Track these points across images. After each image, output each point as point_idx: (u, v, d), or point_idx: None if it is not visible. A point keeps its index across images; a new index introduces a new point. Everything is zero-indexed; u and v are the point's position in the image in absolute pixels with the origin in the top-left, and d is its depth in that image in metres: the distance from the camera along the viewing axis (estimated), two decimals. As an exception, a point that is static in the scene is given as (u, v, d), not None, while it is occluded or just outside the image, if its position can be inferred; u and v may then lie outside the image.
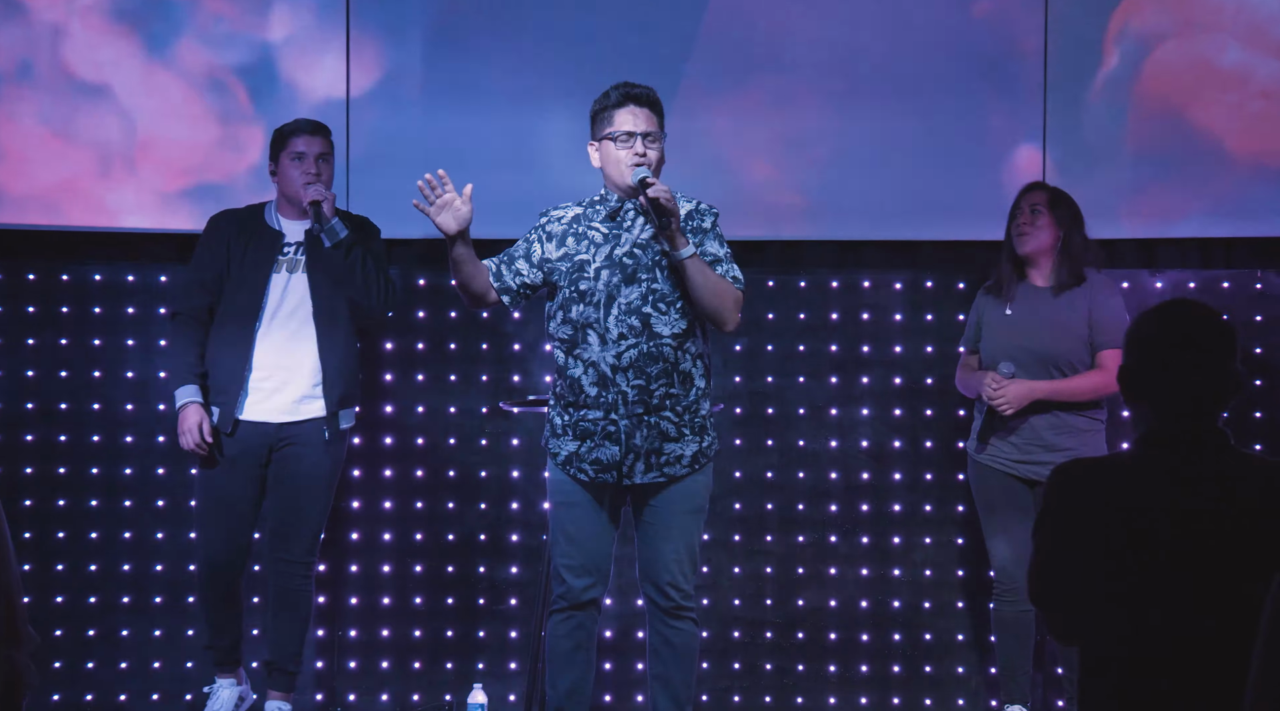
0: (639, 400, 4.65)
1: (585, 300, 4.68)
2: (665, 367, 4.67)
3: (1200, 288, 6.26)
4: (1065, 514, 3.13)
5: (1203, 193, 6.21)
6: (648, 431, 4.67)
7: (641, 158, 4.67)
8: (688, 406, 4.73)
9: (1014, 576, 5.61)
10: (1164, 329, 3.16)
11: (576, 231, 4.76)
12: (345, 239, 5.45)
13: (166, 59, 6.23)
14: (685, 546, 4.77)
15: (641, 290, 4.66)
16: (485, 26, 6.26)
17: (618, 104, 4.73)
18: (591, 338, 4.67)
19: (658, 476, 4.70)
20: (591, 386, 4.67)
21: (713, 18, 6.25)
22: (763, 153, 6.27)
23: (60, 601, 6.26)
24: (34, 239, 6.30)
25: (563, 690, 4.79)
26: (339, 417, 5.56)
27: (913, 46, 6.26)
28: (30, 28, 6.19)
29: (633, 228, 4.73)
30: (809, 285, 6.36)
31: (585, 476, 4.72)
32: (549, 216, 4.84)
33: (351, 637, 6.31)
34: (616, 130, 4.71)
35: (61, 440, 6.30)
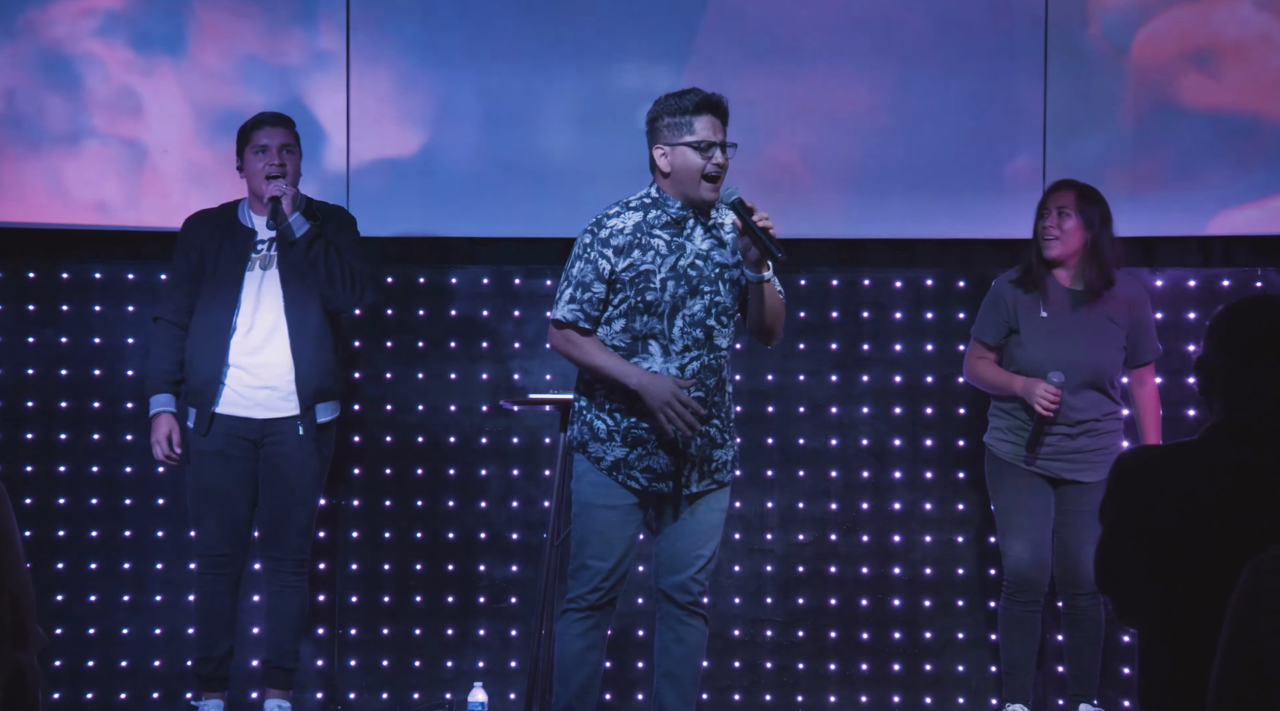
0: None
1: (651, 310, 4.62)
2: (720, 380, 4.69)
3: (1200, 286, 6.26)
4: (1129, 500, 3.15)
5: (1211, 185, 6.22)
6: (701, 440, 4.67)
7: (720, 168, 4.59)
8: (726, 412, 4.77)
9: (1028, 578, 5.59)
10: (1247, 324, 3.18)
11: (641, 242, 4.63)
12: (306, 234, 5.44)
13: (175, 72, 6.24)
14: (714, 546, 4.79)
15: (705, 302, 4.64)
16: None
17: (696, 111, 4.60)
18: (654, 348, 4.63)
19: (709, 484, 4.72)
20: None
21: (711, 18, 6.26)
22: (763, 149, 6.27)
23: (60, 599, 6.26)
24: (34, 238, 6.30)
25: (573, 689, 4.77)
26: (314, 412, 5.55)
27: (912, 44, 6.26)
28: (38, 42, 6.20)
29: (694, 237, 4.67)
30: (809, 283, 6.36)
31: (636, 484, 4.66)
32: (607, 228, 4.64)
33: (352, 636, 6.31)
34: (699, 139, 4.59)
35: (62, 438, 6.29)
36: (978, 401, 6.28)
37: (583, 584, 4.73)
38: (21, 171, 6.25)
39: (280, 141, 5.51)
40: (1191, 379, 6.21)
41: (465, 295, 6.35)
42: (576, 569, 4.75)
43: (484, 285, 6.35)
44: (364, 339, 6.33)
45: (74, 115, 6.24)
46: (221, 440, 5.52)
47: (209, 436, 5.52)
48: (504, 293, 6.35)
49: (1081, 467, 5.57)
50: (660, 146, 4.65)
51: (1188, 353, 6.24)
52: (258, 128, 5.52)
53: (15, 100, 6.24)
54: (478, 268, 6.36)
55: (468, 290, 6.35)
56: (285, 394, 5.54)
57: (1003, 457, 5.65)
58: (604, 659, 4.84)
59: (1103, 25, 6.25)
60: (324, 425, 5.60)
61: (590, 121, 6.25)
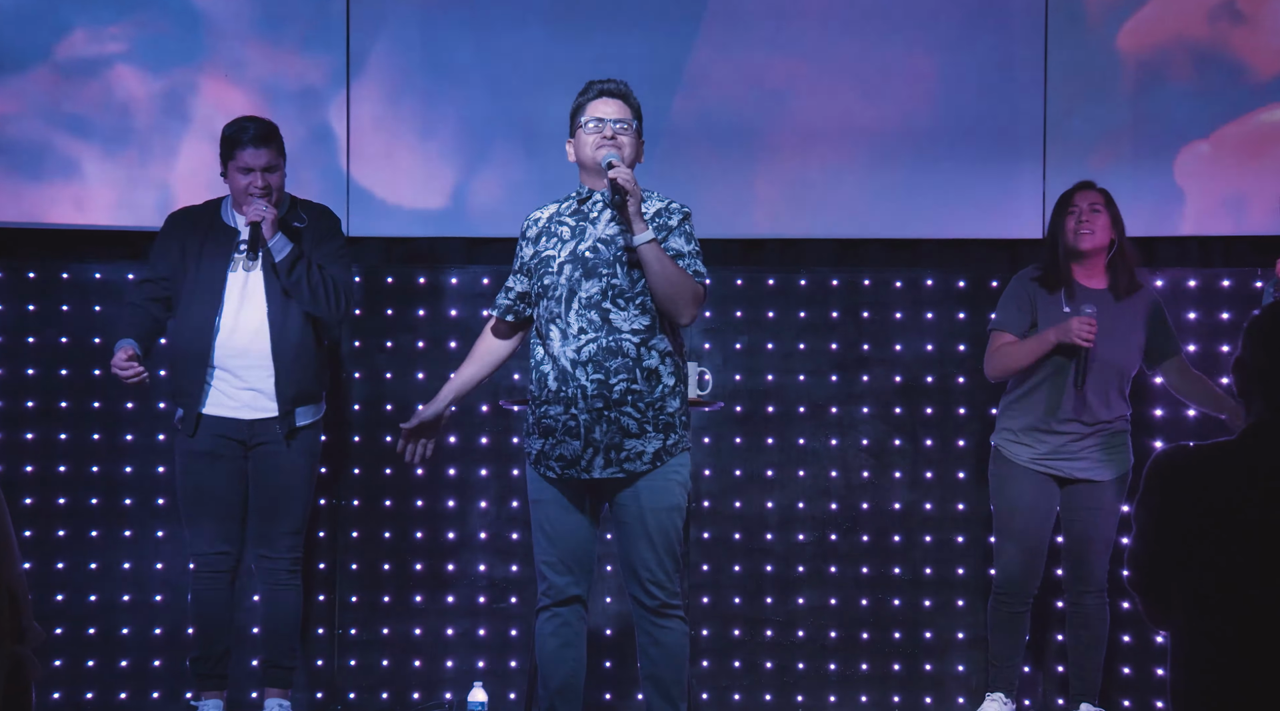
0: (598, 394, 4.62)
1: (549, 295, 4.69)
2: (626, 363, 4.64)
3: (1200, 286, 6.26)
4: (1165, 500, 3.13)
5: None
6: (608, 426, 4.64)
7: (610, 141, 4.68)
8: (651, 403, 4.67)
9: (1016, 581, 5.63)
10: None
11: (549, 230, 4.77)
12: (286, 257, 5.43)
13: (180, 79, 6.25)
14: (663, 544, 4.68)
15: (601, 285, 4.65)
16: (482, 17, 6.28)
17: (592, 97, 4.77)
18: (554, 332, 4.67)
19: (617, 472, 4.65)
20: (554, 381, 4.66)
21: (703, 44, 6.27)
22: (764, 150, 6.28)
23: (60, 599, 6.26)
24: (34, 238, 6.31)
25: (554, 688, 4.78)
26: (293, 416, 5.55)
27: (912, 39, 6.26)
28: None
29: (597, 222, 4.73)
30: (809, 283, 6.36)
31: (553, 473, 4.69)
32: (529, 221, 4.85)
33: (352, 635, 6.31)
34: (588, 117, 4.73)
35: (62, 438, 6.30)
36: (978, 401, 6.29)
37: (541, 580, 4.77)
38: (22, 172, 6.25)
39: (264, 163, 5.46)
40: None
41: (465, 295, 6.35)
42: (536, 568, 4.81)
43: (484, 285, 6.35)
44: (363, 339, 6.33)
45: (74, 113, 6.24)
46: (210, 441, 5.52)
47: (196, 437, 5.52)
48: (504, 292, 6.35)
49: (1091, 467, 5.60)
50: (569, 140, 4.80)
51: (1188, 353, 6.23)
52: (243, 147, 5.45)
53: (17, 101, 6.24)
54: (478, 268, 6.36)
55: (468, 290, 6.35)
56: (269, 395, 5.53)
57: (1012, 459, 5.65)
58: (584, 656, 4.81)
59: (1103, 25, 6.25)
60: (306, 427, 5.59)
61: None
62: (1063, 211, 5.67)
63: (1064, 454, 5.59)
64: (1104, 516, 5.63)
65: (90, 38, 6.25)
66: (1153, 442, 6.23)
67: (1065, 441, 5.58)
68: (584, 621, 4.80)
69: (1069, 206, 5.66)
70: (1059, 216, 5.67)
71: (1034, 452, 5.61)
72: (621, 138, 4.70)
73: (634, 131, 4.75)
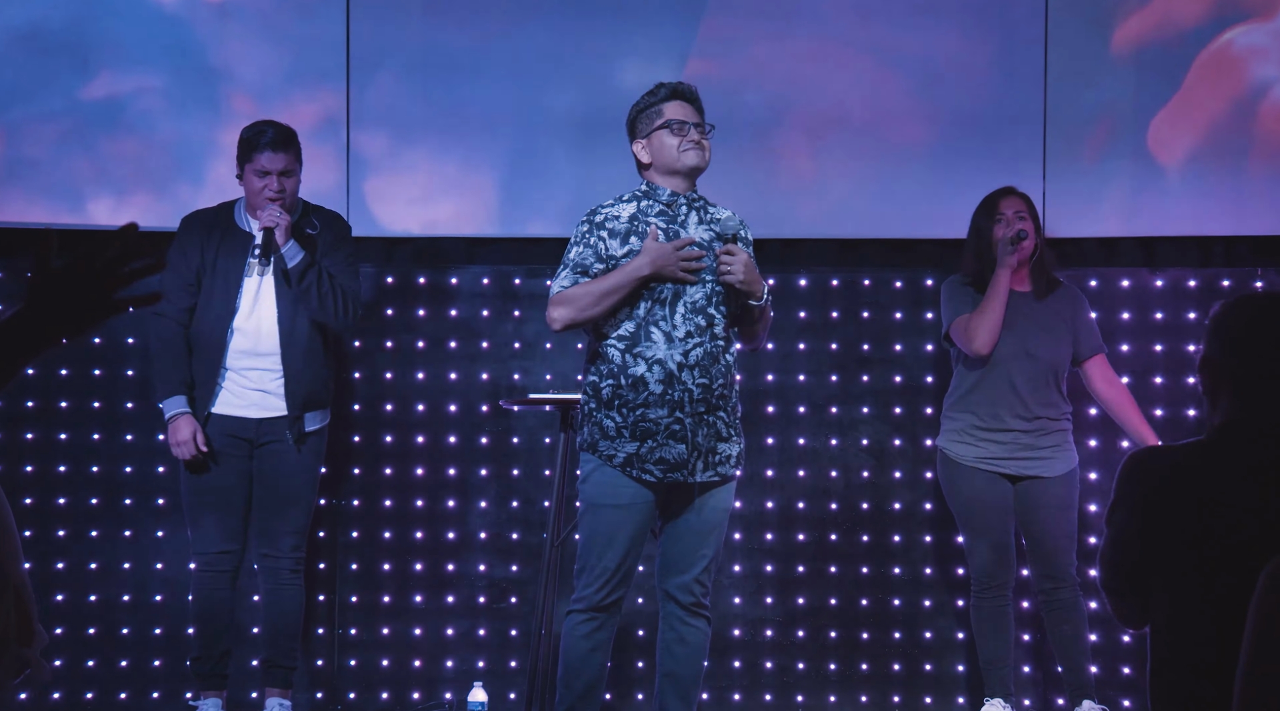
0: (702, 399, 4.65)
1: (652, 297, 4.67)
2: (722, 369, 4.70)
3: (1200, 286, 6.27)
4: (1138, 501, 3.12)
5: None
6: (707, 430, 4.68)
7: (695, 143, 4.71)
8: (733, 408, 4.76)
9: (993, 573, 5.69)
10: (1253, 320, 3.15)
11: (638, 229, 4.73)
12: (298, 265, 5.44)
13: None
14: (715, 547, 4.78)
15: (706, 290, 4.69)
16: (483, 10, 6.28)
17: (666, 98, 4.77)
18: (656, 335, 4.66)
19: (713, 475, 4.70)
20: (657, 384, 4.64)
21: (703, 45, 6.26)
22: (764, 154, 6.28)
23: (60, 599, 6.26)
24: (34, 238, 6.29)
25: (578, 690, 4.77)
26: (303, 420, 5.55)
27: (913, 40, 6.26)
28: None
29: (687, 226, 4.76)
30: (809, 283, 6.36)
31: (652, 477, 4.66)
32: (603, 214, 4.77)
33: (352, 635, 6.31)
34: (669, 119, 4.73)
35: (62, 438, 6.30)
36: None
37: (587, 584, 4.73)
38: (23, 172, 6.24)
39: (281, 167, 5.48)
40: (1193, 379, 6.21)
41: (465, 295, 6.35)
42: (581, 569, 4.75)
43: (484, 285, 6.35)
44: (364, 339, 6.33)
45: (75, 116, 6.25)
46: (217, 440, 5.53)
47: (209, 434, 5.52)
48: (504, 293, 6.35)
49: (1039, 463, 5.67)
50: (639, 141, 4.79)
51: (1188, 353, 6.24)
52: (260, 150, 5.47)
53: (19, 100, 6.24)
54: (478, 268, 6.36)
55: (468, 290, 6.35)
56: (278, 396, 5.54)
57: (957, 460, 5.73)
58: (608, 661, 4.83)
59: (1103, 26, 6.25)
60: (313, 432, 5.60)
61: (591, 121, 6.24)
62: (990, 217, 5.72)
63: (1012, 453, 5.64)
64: (1059, 512, 5.68)
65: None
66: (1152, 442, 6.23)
67: (1010, 439, 5.64)
68: (616, 627, 4.81)
69: (995, 214, 5.70)
70: (986, 222, 5.72)
71: (979, 453, 5.67)
72: (705, 140, 4.76)
73: (708, 132, 4.80)
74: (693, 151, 4.72)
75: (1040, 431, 5.66)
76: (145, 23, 6.24)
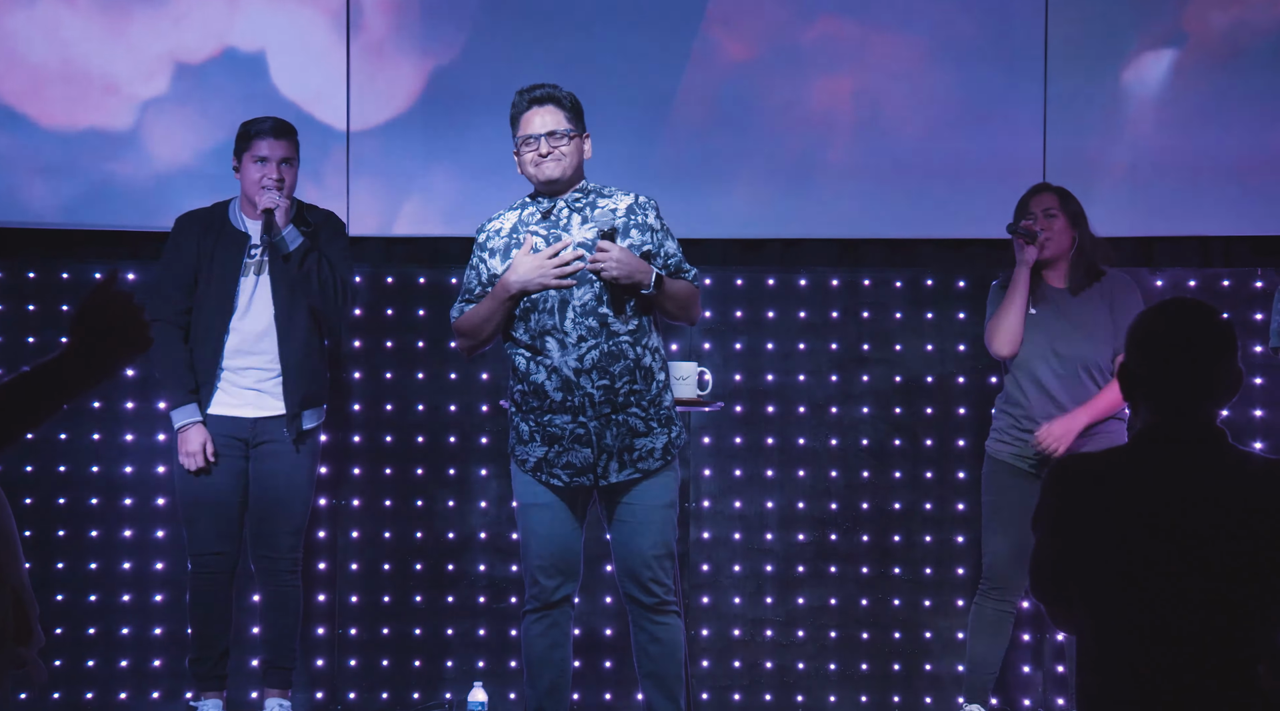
0: (605, 400, 4.64)
1: (539, 308, 4.66)
2: (627, 365, 4.66)
3: (1200, 286, 6.27)
4: (1063, 507, 3.17)
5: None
6: (617, 429, 4.66)
7: (545, 157, 4.67)
8: (652, 400, 4.71)
9: (1003, 576, 5.62)
10: (1162, 327, 3.20)
11: (517, 241, 4.74)
12: (298, 249, 5.44)
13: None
14: (662, 541, 4.73)
15: (594, 291, 4.66)
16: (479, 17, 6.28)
17: (522, 110, 4.76)
18: (551, 344, 4.66)
19: (633, 473, 4.68)
20: (556, 391, 4.65)
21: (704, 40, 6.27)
22: (763, 154, 6.28)
23: (60, 599, 6.26)
24: (34, 238, 6.30)
25: (542, 689, 4.80)
26: (301, 418, 5.55)
27: (913, 40, 6.26)
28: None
29: (570, 228, 4.73)
30: (809, 283, 6.36)
31: (559, 481, 4.69)
32: (485, 232, 4.81)
33: (352, 635, 6.31)
34: (520, 136, 4.73)
35: (61, 438, 6.29)
36: (977, 401, 6.29)
37: (529, 584, 4.79)
38: (23, 172, 6.25)
39: (281, 154, 5.48)
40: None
41: (465, 295, 6.35)
42: (524, 570, 4.82)
43: (484, 285, 6.35)
44: (364, 339, 6.34)
45: (73, 114, 6.25)
46: (213, 440, 5.52)
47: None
48: (504, 292, 6.35)
49: None
50: (515, 153, 4.79)
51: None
52: (259, 136, 5.48)
53: (18, 100, 6.24)
54: (478, 267, 6.36)
55: (468, 290, 6.35)
56: (274, 394, 5.54)
57: (998, 458, 5.65)
58: (571, 657, 4.84)
59: (1104, 24, 6.25)
60: (310, 430, 5.59)
61: (589, 120, 6.23)
62: (1021, 216, 5.65)
63: (1045, 455, 5.58)
64: None
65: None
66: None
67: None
68: (571, 622, 4.83)
69: (1026, 212, 5.65)
70: (1017, 222, 5.66)
71: (1015, 450, 5.61)
72: (559, 149, 4.70)
73: (568, 137, 4.72)
74: (544, 166, 4.69)
75: (1083, 434, 5.50)
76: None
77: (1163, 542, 3.06)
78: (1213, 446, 3.14)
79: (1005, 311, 5.56)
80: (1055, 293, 5.63)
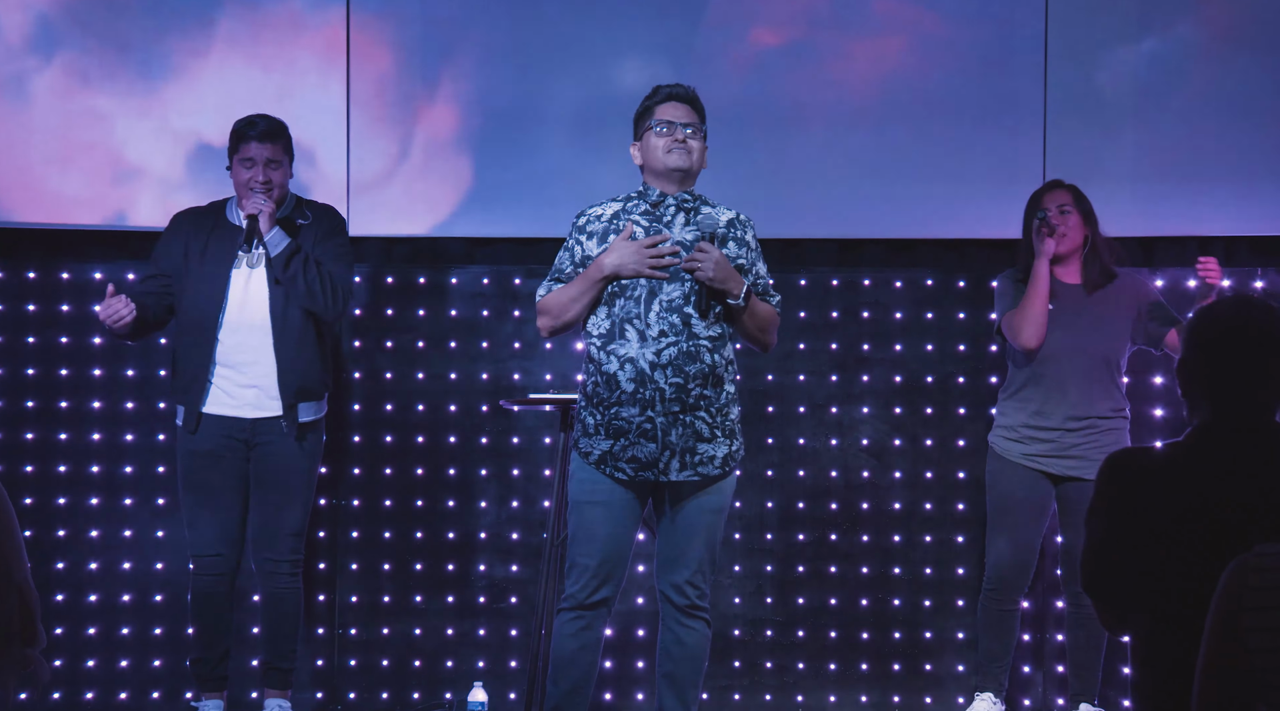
0: (676, 398, 4.65)
1: (626, 295, 4.68)
2: (702, 369, 4.68)
3: (1200, 286, 6.26)
4: (1119, 503, 3.15)
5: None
6: (683, 430, 4.67)
7: (681, 144, 4.72)
8: (720, 409, 4.74)
9: (1006, 578, 5.66)
10: (1224, 322, 3.20)
11: (618, 228, 4.76)
12: (283, 251, 5.44)
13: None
14: (708, 546, 4.77)
15: (684, 289, 4.68)
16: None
17: (660, 101, 4.80)
18: (630, 333, 4.67)
19: (692, 475, 4.69)
20: (629, 382, 4.65)
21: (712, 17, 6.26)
22: (764, 153, 6.28)
23: (60, 599, 6.26)
24: (34, 238, 6.31)
25: (564, 688, 4.79)
26: (297, 410, 5.55)
27: (913, 40, 6.27)
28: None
29: (673, 226, 4.76)
30: (809, 283, 6.37)
31: (624, 474, 4.69)
32: (586, 216, 4.82)
33: (352, 635, 6.31)
34: (657, 120, 4.76)
35: (62, 438, 6.30)
36: (977, 401, 6.29)
37: (573, 582, 4.76)
38: (23, 172, 6.25)
39: (267, 156, 5.48)
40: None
41: (465, 295, 6.36)
42: (569, 567, 4.80)
43: (484, 285, 6.36)
44: (364, 339, 6.34)
45: (75, 114, 6.25)
46: (212, 440, 5.52)
47: (199, 436, 5.51)
48: (504, 293, 6.36)
49: (1083, 465, 5.58)
50: (634, 143, 4.85)
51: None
52: (247, 141, 5.49)
53: (17, 100, 6.25)
54: (478, 268, 6.36)
55: (468, 290, 6.36)
56: (272, 393, 5.53)
57: (1003, 455, 5.67)
58: (599, 661, 4.83)
59: (1104, 24, 6.25)
60: (308, 424, 5.59)
61: (589, 120, 6.25)
62: (1033, 212, 5.68)
63: (1056, 452, 5.59)
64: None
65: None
66: (1152, 442, 6.22)
67: (1058, 438, 5.59)
68: (604, 626, 4.81)
69: (1038, 208, 5.67)
70: (1030, 216, 5.69)
71: (1025, 449, 5.62)
72: (692, 142, 4.75)
73: (702, 136, 4.80)
74: (676, 152, 4.73)
75: (1090, 429, 5.58)
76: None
77: (1222, 536, 3.04)
78: (1272, 440, 3.14)
79: (1030, 303, 5.57)
80: (1068, 289, 5.65)
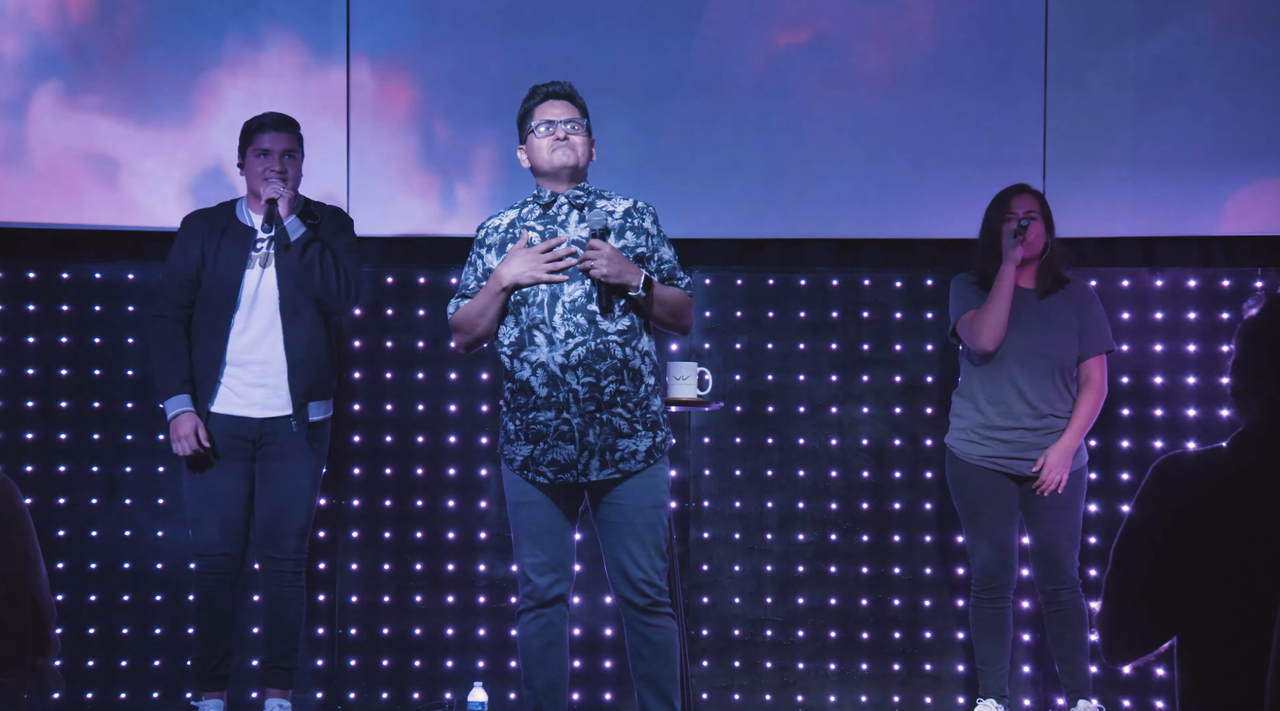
0: (590, 397, 4.64)
1: (530, 301, 4.68)
2: (614, 364, 4.66)
3: (1200, 286, 6.27)
4: (1173, 507, 3.07)
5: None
6: (600, 428, 4.66)
7: (563, 142, 4.72)
8: (639, 403, 4.71)
9: (996, 576, 5.68)
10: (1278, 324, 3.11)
11: (514, 236, 4.77)
12: (301, 238, 5.46)
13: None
14: (652, 543, 4.73)
15: (585, 288, 4.67)
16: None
17: (539, 101, 4.80)
18: (539, 338, 4.67)
19: (613, 473, 4.67)
20: (542, 387, 4.66)
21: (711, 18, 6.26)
22: (760, 150, 6.28)
23: (61, 599, 6.25)
24: (34, 237, 6.30)
25: (540, 688, 4.81)
26: (307, 409, 5.55)
27: (913, 39, 6.26)
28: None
29: (566, 225, 4.75)
30: (809, 283, 6.37)
31: (544, 479, 4.70)
32: (485, 228, 4.84)
33: (352, 635, 6.31)
34: (537, 121, 4.76)
35: (62, 438, 6.30)
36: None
37: (522, 583, 4.80)
38: (23, 172, 6.24)
39: (283, 146, 5.52)
40: (1192, 379, 6.22)
41: (465, 295, 6.35)
42: (519, 572, 4.83)
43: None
44: (364, 339, 6.34)
45: (73, 114, 6.25)
46: (219, 439, 5.52)
47: (211, 433, 5.52)
48: (504, 292, 6.35)
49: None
50: (520, 148, 4.85)
51: (1188, 353, 6.25)
52: (262, 130, 5.53)
53: (16, 98, 6.24)
54: (478, 267, 6.36)
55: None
56: (280, 392, 5.54)
57: (963, 458, 5.71)
58: (567, 655, 4.84)
59: (1104, 24, 6.25)
60: (317, 423, 5.60)
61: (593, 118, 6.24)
62: (1000, 214, 5.69)
63: (1017, 453, 5.62)
64: (1063, 513, 5.65)
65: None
66: (1152, 442, 6.24)
67: (1018, 437, 5.61)
68: (566, 621, 4.83)
69: (1005, 211, 5.68)
70: (996, 219, 5.69)
71: (986, 451, 5.66)
72: (574, 137, 4.75)
73: (584, 129, 4.80)
74: (560, 150, 4.73)
75: (1047, 430, 5.63)
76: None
77: (1275, 544, 3.02)
78: None
79: (993, 306, 5.59)
80: (1021, 292, 5.70)
